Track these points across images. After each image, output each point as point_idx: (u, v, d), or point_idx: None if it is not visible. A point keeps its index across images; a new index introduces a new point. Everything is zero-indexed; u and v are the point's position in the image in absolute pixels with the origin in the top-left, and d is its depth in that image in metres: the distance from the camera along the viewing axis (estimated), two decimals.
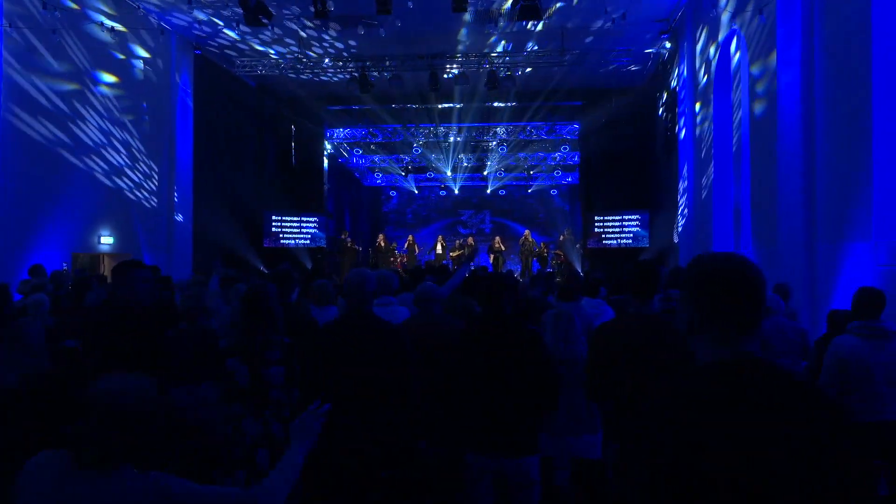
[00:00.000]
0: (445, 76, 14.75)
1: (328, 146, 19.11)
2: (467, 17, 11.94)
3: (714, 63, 10.56)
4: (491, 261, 17.05)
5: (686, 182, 12.05)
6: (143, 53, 12.31)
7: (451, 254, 17.52)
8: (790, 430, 1.22)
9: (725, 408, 1.26)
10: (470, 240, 18.36)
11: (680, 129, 12.44)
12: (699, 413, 1.27)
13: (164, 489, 1.65)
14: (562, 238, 19.15)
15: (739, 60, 9.73)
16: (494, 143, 20.50)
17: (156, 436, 1.65)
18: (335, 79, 15.52)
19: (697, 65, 11.63)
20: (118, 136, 11.56)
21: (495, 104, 16.91)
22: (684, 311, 1.42)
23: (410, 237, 18.59)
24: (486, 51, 14.27)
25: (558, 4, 11.26)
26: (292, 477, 1.92)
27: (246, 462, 2.99)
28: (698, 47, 11.59)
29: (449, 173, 22.26)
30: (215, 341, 3.65)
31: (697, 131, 11.61)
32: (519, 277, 14.98)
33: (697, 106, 11.63)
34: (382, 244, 18.03)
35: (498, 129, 19.56)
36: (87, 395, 1.63)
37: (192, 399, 3.37)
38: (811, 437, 1.22)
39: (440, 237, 18.58)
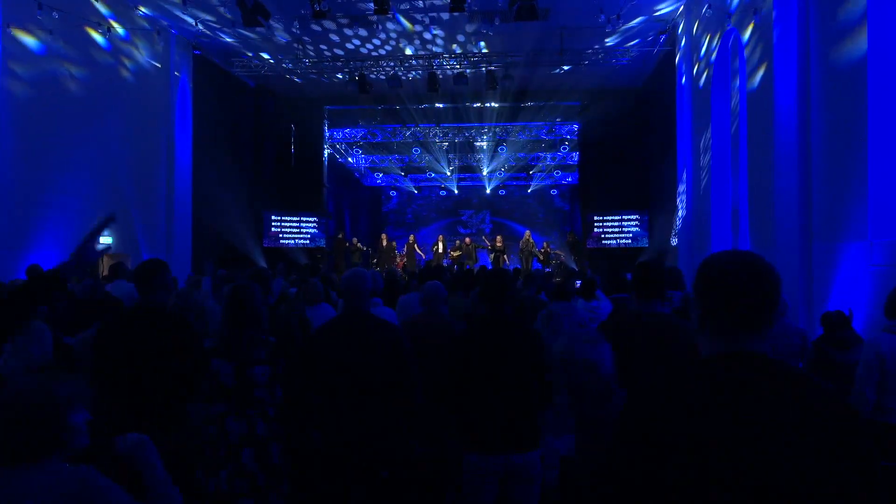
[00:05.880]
0: (444, 76, 14.75)
1: (327, 146, 19.12)
2: (465, 16, 11.94)
3: (712, 63, 10.55)
4: (490, 260, 17.02)
5: (685, 183, 12.04)
6: (143, 54, 12.33)
7: (451, 253, 17.50)
8: (787, 426, 1.20)
9: (713, 401, 1.25)
10: (467, 240, 18.32)
11: (679, 130, 12.42)
12: (683, 407, 1.26)
13: (83, 483, 1.64)
14: (567, 240, 19.12)
15: (737, 61, 9.73)
16: (493, 142, 20.48)
17: (59, 432, 1.66)
18: (334, 79, 15.54)
19: (695, 65, 11.62)
20: (117, 135, 11.57)
21: (494, 104, 16.92)
22: (695, 309, 1.43)
23: (411, 237, 18.57)
24: (484, 51, 14.28)
25: (557, 5, 11.26)
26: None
27: (229, 461, 2.98)
28: (696, 47, 11.58)
29: (448, 173, 22.27)
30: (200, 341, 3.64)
31: (696, 132, 11.60)
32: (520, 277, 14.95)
33: (696, 106, 11.62)
34: (385, 244, 18.01)
35: (497, 128, 19.55)
36: None
37: None
38: (812, 435, 1.19)
39: (440, 237, 18.54)
